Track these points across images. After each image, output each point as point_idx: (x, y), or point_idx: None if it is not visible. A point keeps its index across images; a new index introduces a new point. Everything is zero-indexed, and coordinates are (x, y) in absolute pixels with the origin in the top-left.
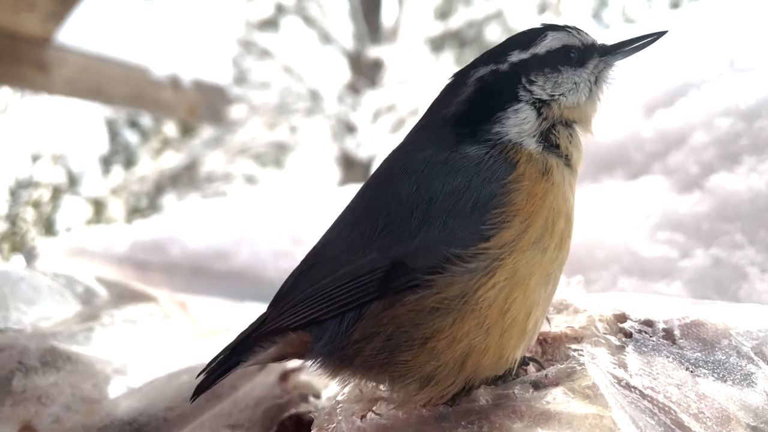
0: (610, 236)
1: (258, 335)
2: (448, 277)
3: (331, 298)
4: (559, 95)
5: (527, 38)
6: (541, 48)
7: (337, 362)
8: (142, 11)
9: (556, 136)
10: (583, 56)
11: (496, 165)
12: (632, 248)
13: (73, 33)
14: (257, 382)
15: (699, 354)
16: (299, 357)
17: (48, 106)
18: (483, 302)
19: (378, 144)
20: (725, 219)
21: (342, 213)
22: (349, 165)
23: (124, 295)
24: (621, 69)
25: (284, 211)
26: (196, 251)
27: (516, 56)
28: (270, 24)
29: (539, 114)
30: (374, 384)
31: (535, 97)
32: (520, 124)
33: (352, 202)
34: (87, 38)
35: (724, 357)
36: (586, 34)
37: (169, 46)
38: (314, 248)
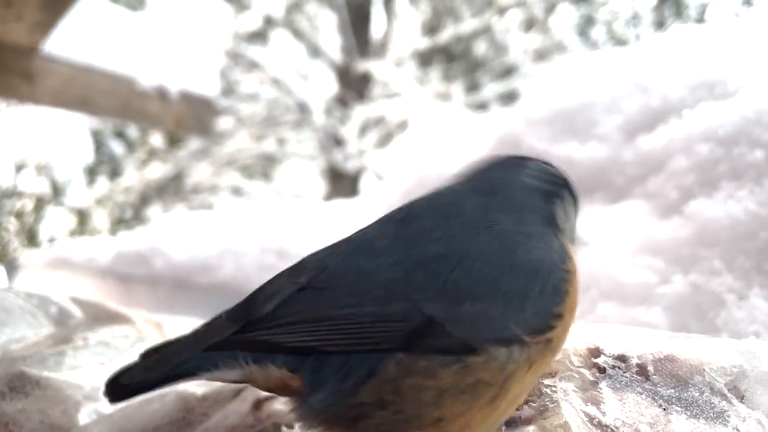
0: (590, 260)
1: (231, 342)
2: (491, 360)
3: (346, 331)
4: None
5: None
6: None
7: (330, 418)
8: (130, 22)
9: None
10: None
11: (563, 256)
12: (612, 273)
13: (60, 43)
14: (230, 410)
15: (672, 391)
16: (262, 390)
17: (33, 116)
18: (508, 393)
19: (366, 157)
20: (704, 245)
21: (372, 229)
22: (337, 178)
23: (99, 316)
24: None
25: (270, 225)
26: (180, 264)
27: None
28: (258, 36)
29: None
30: None
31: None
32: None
33: (392, 220)
34: (74, 48)
35: (697, 394)
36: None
37: (157, 58)
38: (321, 262)
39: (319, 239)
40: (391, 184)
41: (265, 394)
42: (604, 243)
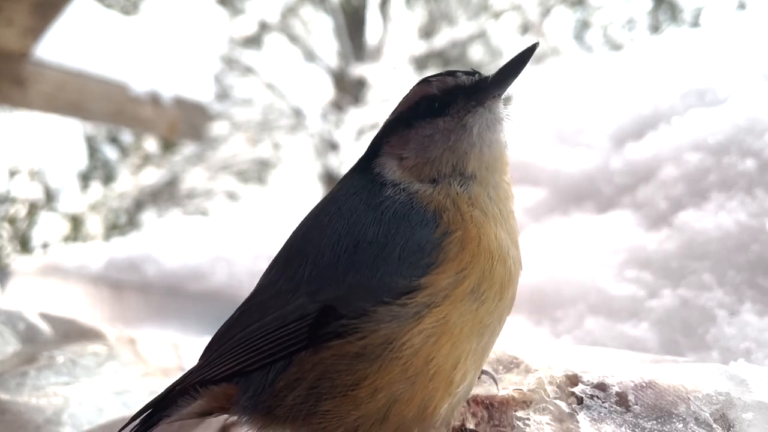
0: (578, 272)
1: (182, 388)
2: (373, 323)
3: (258, 347)
4: (407, 152)
5: (404, 96)
6: (403, 105)
7: (262, 415)
8: (123, 27)
9: (443, 186)
10: (443, 102)
11: (419, 208)
12: (600, 286)
13: (52, 48)
14: None
15: (654, 422)
16: (225, 412)
17: (25, 122)
18: (407, 349)
19: None
20: (693, 258)
21: (275, 258)
22: (332, 182)
23: (69, 333)
24: (506, 101)
25: (263, 231)
26: (172, 271)
27: (389, 117)
28: (253, 41)
29: (399, 165)
30: None
31: (394, 153)
32: (392, 173)
33: (284, 244)
34: (66, 54)
35: (681, 425)
36: (453, 76)
37: (150, 63)
38: (251, 293)
39: None
40: None
41: (231, 419)
42: (591, 254)
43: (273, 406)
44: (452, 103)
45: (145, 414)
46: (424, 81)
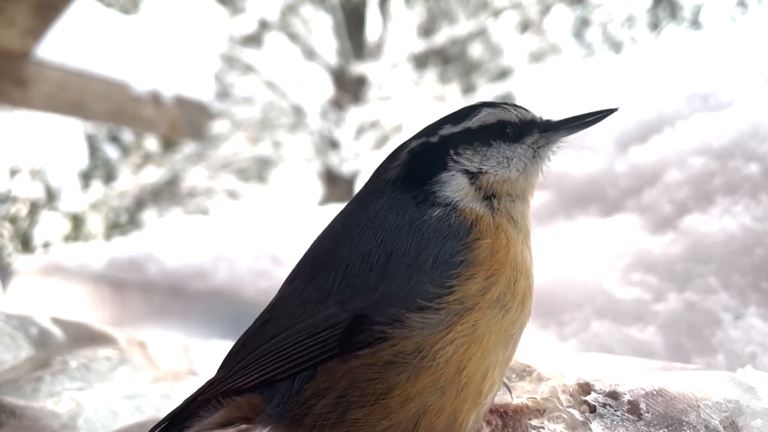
0: (584, 276)
1: (204, 399)
2: (406, 330)
3: (287, 356)
4: (488, 168)
5: (461, 113)
6: (474, 123)
7: (287, 424)
8: (123, 26)
9: (498, 203)
10: (520, 132)
11: (456, 223)
12: (606, 289)
13: (53, 48)
14: None
15: (665, 430)
16: (248, 422)
17: (27, 121)
18: (440, 358)
19: (361, 160)
20: (699, 261)
21: (297, 266)
22: (332, 181)
23: (81, 337)
24: (564, 145)
25: (264, 230)
26: (174, 270)
27: (447, 130)
28: (253, 39)
29: (471, 183)
30: None
31: (463, 167)
32: (457, 190)
33: (307, 256)
34: (66, 53)
35: None
36: (526, 110)
37: (150, 62)
38: (271, 302)
39: None
40: None
41: (245, 426)
42: (596, 258)
43: (300, 414)
44: (527, 134)
45: (164, 425)
46: (498, 106)
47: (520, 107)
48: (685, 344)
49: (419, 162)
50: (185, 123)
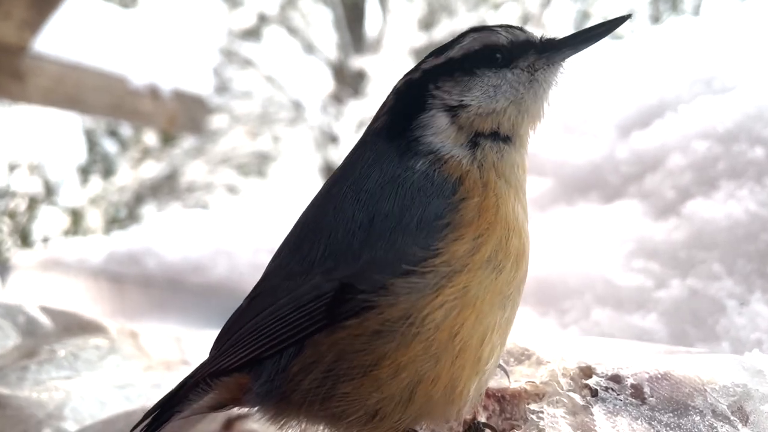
0: (585, 263)
1: (194, 382)
2: (391, 296)
3: (272, 332)
4: (469, 100)
5: (447, 44)
6: (457, 51)
7: (276, 402)
8: (121, 19)
9: (482, 152)
10: (511, 55)
11: (440, 179)
12: (607, 276)
13: (50, 41)
14: (200, 430)
15: (671, 415)
16: (238, 403)
17: (25, 115)
18: (430, 323)
19: None
20: (702, 247)
21: (284, 240)
22: None
23: (71, 326)
24: (569, 68)
25: (264, 225)
26: (173, 264)
27: (429, 63)
28: (252, 33)
29: (453, 122)
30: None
31: (443, 102)
32: (437, 132)
33: (293, 228)
34: (64, 47)
35: (698, 418)
36: (521, 30)
37: (149, 56)
38: (259, 280)
39: None
40: None
41: (236, 412)
42: (598, 245)
43: (288, 391)
44: (520, 57)
45: (155, 412)
46: (486, 29)
47: (513, 27)
48: (689, 331)
49: (403, 104)
50: (184, 117)
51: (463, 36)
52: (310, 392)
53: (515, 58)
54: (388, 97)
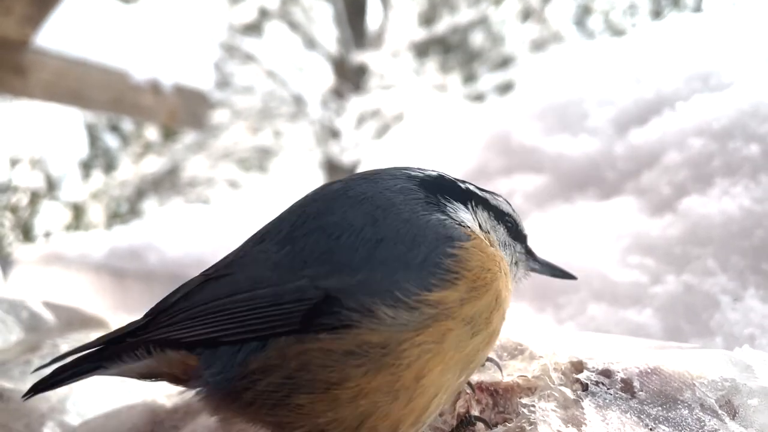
0: (581, 259)
1: (133, 342)
2: (375, 321)
3: (241, 319)
4: (488, 229)
5: (483, 190)
6: (492, 200)
7: (224, 395)
8: (122, 14)
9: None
10: (515, 233)
11: (458, 231)
12: (603, 272)
13: (52, 36)
14: (199, 424)
15: (659, 408)
16: (175, 382)
17: (27, 111)
18: (404, 359)
19: (362, 149)
20: (697, 243)
21: (271, 224)
22: (333, 170)
23: (73, 321)
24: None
25: (265, 220)
26: (174, 259)
27: (472, 187)
28: (253, 28)
29: (480, 228)
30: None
31: (477, 219)
32: (469, 222)
33: (287, 213)
34: (65, 42)
35: (686, 411)
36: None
37: (150, 50)
38: (228, 258)
39: None
40: None
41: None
42: (594, 241)
43: (241, 388)
44: (519, 241)
45: (80, 357)
46: (511, 207)
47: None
48: (683, 327)
49: (442, 184)
50: (185, 112)
51: (495, 194)
52: (263, 394)
53: (517, 237)
54: (427, 168)
